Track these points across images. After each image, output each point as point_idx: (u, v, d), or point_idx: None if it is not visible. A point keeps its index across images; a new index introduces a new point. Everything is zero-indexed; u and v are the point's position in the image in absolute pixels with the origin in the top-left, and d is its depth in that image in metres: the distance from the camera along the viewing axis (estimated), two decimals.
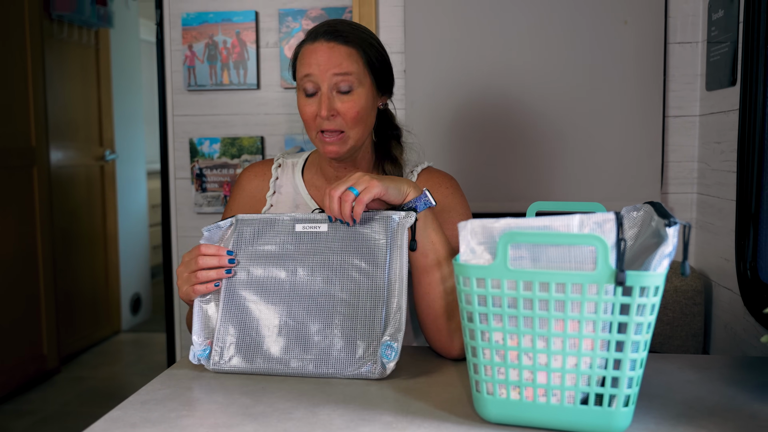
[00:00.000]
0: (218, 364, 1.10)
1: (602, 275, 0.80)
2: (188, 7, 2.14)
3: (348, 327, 1.08)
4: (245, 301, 1.13)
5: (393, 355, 1.06)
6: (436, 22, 1.96)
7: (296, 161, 1.42)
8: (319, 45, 1.25)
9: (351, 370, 1.07)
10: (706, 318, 1.79)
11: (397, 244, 1.10)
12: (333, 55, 1.24)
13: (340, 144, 1.26)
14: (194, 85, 2.15)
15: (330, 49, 1.25)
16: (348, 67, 1.25)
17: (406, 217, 1.11)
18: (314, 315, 1.10)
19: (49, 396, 3.21)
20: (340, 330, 1.08)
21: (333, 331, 1.09)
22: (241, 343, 1.11)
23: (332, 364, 1.07)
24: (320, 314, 1.10)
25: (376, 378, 1.06)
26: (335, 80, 1.24)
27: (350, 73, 1.25)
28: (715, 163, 1.76)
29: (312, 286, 1.11)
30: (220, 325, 1.12)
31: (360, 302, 1.09)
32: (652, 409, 0.93)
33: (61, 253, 3.62)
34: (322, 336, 1.09)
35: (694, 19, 1.88)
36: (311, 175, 1.39)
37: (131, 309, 4.36)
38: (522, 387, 0.86)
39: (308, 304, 1.11)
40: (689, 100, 1.90)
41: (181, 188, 2.20)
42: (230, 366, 1.10)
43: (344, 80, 1.24)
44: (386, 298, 1.09)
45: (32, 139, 3.34)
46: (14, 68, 3.21)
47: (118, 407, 0.97)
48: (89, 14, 3.70)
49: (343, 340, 1.08)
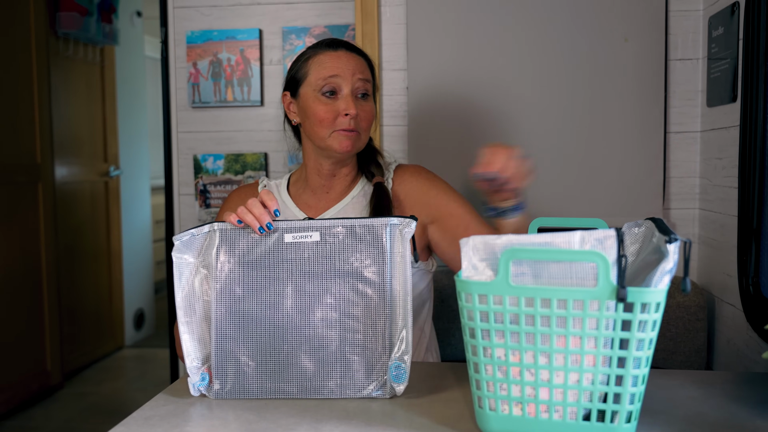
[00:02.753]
0: (221, 394, 1.06)
1: (603, 291, 0.80)
2: (193, 26, 2.16)
3: (351, 349, 1.05)
4: (240, 326, 1.07)
5: (403, 376, 1.03)
6: (438, 40, 1.98)
7: (279, 182, 1.50)
8: (343, 53, 1.37)
9: (358, 393, 1.04)
10: (709, 334, 1.79)
11: (398, 254, 1.06)
12: (358, 63, 1.38)
13: (354, 141, 1.35)
14: (198, 102, 2.16)
15: (354, 57, 1.38)
16: (368, 76, 1.39)
17: (406, 226, 1.06)
18: (315, 339, 1.06)
19: (53, 412, 3.21)
20: (345, 351, 1.05)
21: (341, 352, 1.05)
22: (242, 371, 1.06)
23: (338, 388, 1.05)
24: (322, 338, 1.05)
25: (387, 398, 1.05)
26: (358, 84, 1.35)
27: (369, 81, 1.39)
28: (717, 178, 1.77)
29: (310, 306, 1.06)
30: (215, 353, 1.06)
31: (362, 323, 1.05)
32: (655, 426, 0.93)
33: (65, 268, 3.63)
34: (328, 359, 1.05)
35: (694, 36, 1.90)
36: (296, 190, 1.47)
37: (135, 324, 4.36)
38: (524, 403, 0.86)
39: (306, 328, 1.06)
40: (690, 117, 1.91)
41: (184, 204, 2.21)
42: (234, 395, 1.06)
43: (364, 86, 1.37)
44: (391, 317, 1.05)
45: (37, 156, 3.36)
46: (20, 85, 3.24)
47: (122, 423, 0.97)
48: (95, 32, 3.73)
49: (348, 363, 1.05)
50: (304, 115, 1.38)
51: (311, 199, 1.44)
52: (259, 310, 1.07)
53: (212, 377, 1.06)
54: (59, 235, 3.55)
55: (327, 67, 1.35)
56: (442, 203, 1.39)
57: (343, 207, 1.41)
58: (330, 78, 1.34)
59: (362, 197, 1.42)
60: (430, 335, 1.49)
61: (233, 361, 1.06)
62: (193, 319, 1.09)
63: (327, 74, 1.34)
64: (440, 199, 1.40)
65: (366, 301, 1.05)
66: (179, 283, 1.08)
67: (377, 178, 1.42)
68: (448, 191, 1.42)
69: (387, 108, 2.03)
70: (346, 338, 1.05)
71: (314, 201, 1.43)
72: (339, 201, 1.42)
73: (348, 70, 1.34)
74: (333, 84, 1.34)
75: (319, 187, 1.43)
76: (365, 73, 1.38)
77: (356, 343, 1.05)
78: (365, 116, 1.36)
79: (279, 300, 1.07)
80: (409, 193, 1.41)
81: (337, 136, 1.34)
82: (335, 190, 1.43)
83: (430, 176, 1.45)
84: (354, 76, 1.34)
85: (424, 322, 1.46)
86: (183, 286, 1.08)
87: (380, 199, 1.37)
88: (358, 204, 1.41)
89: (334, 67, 1.34)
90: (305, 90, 1.37)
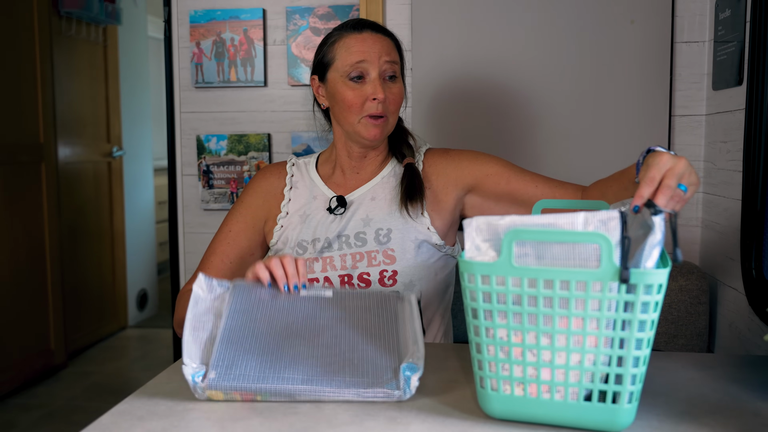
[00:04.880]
0: (216, 385, 0.95)
1: (606, 273, 0.80)
2: (196, 5, 2.15)
3: (362, 354, 1.01)
4: (247, 336, 1.03)
5: (416, 379, 0.96)
6: (442, 21, 1.96)
7: (308, 160, 1.49)
8: (368, 35, 1.35)
9: (368, 395, 0.96)
10: (711, 317, 1.79)
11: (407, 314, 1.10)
12: (384, 44, 1.35)
13: (382, 128, 1.35)
14: (202, 82, 2.16)
15: (380, 39, 1.36)
16: (395, 57, 1.37)
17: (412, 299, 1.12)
18: (324, 345, 1.02)
19: (56, 390, 3.23)
20: (355, 357, 1.01)
21: (350, 354, 1.01)
22: (242, 370, 0.97)
23: (348, 390, 0.96)
24: (331, 344, 1.03)
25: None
26: (385, 67, 1.34)
27: (396, 62, 1.37)
28: (721, 162, 1.76)
29: (319, 326, 1.06)
30: (217, 354, 0.99)
31: (371, 335, 1.05)
32: (656, 407, 0.94)
33: (69, 249, 3.64)
34: (336, 362, 1.00)
35: (701, 19, 1.88)
36: (326, 170, 1.46)
37: (138, 305, 4.38)
38: (526, 383, 0.87)
39: (316, 336, 1.04)
40: (696, 100, 1.90)
41: (188, 185, 2.21)
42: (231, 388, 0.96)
43: (392, 68, 1.35)
44: (397, 330, 1.07)
45: (40, 136, 3.36)
46: (23, 65, 3.23)
47: (126, 400, 0.98)
48: (97, 11, 3.72)
49: (358, 366, 0.99)
50: (333, 100, 1.38)
51: (340, 179, 1.44)
52: (268, 321, 1.06)
53: (209, 369, 0.97)
54: (62, 215, 3.56)
55: (353, 51, 1.33)
56: (475, 168, 1.39)
57: (372, 186, 1.41)
58: (357, 63, 1.33)
59: (392, 177, 1.42)
60: (448, 322, 1.50)
61: (234, 360, 0.99)
62: (198, 335, 1.03)
63: (354, 60, 1.33)
64: (473, 165, 1.40)
65: (376, 329, 1.08)
66: (194, 307, 1.06)
67: (408, 159, 1.41)
68: (479, 156, 1.42)
69: None
70: (356, 342, 1.04)
71: (343, 181, 1.44)
72: (369, 180, 1.42)
73: (374, 53, 1.33)
74: (360, 69, 1.33)
75: (349, 168, 1.43)
76: (392, 54, 1.36)
77: (365, 347, 1.03)
78: (393, 99, 1.35)
79: (289, 311, 1.09)
80: (441, 173, 1.41)
81: (366, 124, 1.34)
82: (366, 170, 1.44)
83: (459, 150, 1.45)
84: (381, 59, 1.33)
85: (446, 308, 1.46)
86: (195, 311, 1.06)
87: (411, 180, 1.37)
88: (387, 184, 1.41)
89: (361, 52, 1.33)
90: (333, 75, 1.36)
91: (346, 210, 1.38)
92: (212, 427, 0.89)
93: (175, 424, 0.90)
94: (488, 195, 1.39)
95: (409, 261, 1.33)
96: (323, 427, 0.88)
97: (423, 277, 1.35)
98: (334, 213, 1.38)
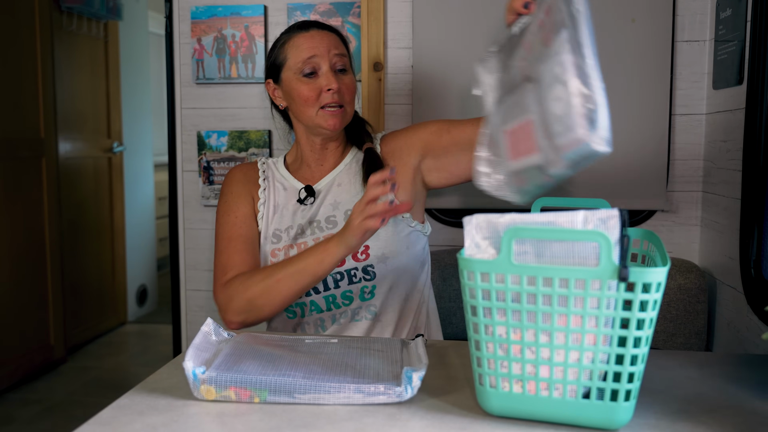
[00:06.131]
0: (216, 377, 0.95)
1: (605, 271, 0.80)
2: (197, 1, 2.15)
3: (366, 362, 1.03)
4: (251, 350, 1.06)
5: (418, 378, 0.95)
6: (444, 18, 1.96)
7: (275, 160, 1.59)
8: (315, 32, 1.44)
9: (369, 391, 0.95)
10: (710, 316, 1.80)
11: (412, 349, 1.11)
12: (332, 39, 1.44)
13: (340, 117, 1.42)
14: (202, 78, 2.16)
15: (327, 35, 1.44)
16: (343, 50, 1.45)
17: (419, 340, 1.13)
18: (327, 354, 1.07)
19: (55, 385, 3.24)
20: (358, 364, 1.02)
21: (353, 362, 1.03)
22: (245, 367, 0.98)
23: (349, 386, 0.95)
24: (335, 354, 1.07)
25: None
26: (335, 60, 1.42)
27: (345, 55, 1.45)
28: (721, 161, 1.76)
29: (323, 351, 1.10)
30: (221, 357, 1.02)
31: (375, 356, 1.07)
32: (653, 405, 0.94)
33: (69, 244, 3.64)
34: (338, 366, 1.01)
35: (702, 18, 1.88)
36: (294, 166, 1.55)
37: (137, 300, 4.38)
38: (525, 380, 0.87)
39: (319, 352, 1.08)
40: (696, 99, 1.90)
41: (188, 181, 2.21)
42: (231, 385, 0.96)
43: (341, 60, 1.43)
44: (401, 357, 1.07)
45: (41, 131, 3.36)
46: (23, 60, 3.23)
47: (126, 395, 0.98)
48: (99, 6, 3.71)
49: (360, 372, 0.99)
50: (290, 98, 1.46)
51: (307, 172, 1.53)
52: (272, 347, 1.11)
53: (210, 369, 0.97)
54: (63, 211, 3.56)
55: (303, 49, 1.42)
56: (419, 132, 1.48)
57: (337, 174, 1.50)
58: (308, 59, 1.41)
59: (355, 163, 1.51)
60: (430, 299, 1.56)
61: (236, 362, 1.00)
62: (201, 354, 1.03)
63: (305, 56, 1.41)
64: (417, 131, 1.49)
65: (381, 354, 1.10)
66: (201, 336, 1.08)
67: (367, 144, 1.50)
68: (421, 123, 1.52)
69: (392, 86, 2.02)
70: (360, 356, 1.07)
71: (310, 173, 1.52)
72: (333, 169, 1.51)
73: (323, 47, 1.41)
74: (312, 64, 1.41)
75: (314, 160, 1.52)
76: (340, 47, 1.44)
77: (369, 360, 1.05)
78: (347, 89, 1.42)
79: (293, 347, 1.12)
80: (395, 150, 1.49)
81: (324, 115, 1.41)
82: (329, 161, 1.52)
83: (407, 127, 1.55)
84: (330, 53, 1.41)
85: (424, 284, 1.51)
86: (201, 339, 1.07)
87: (371, 162, 1.45)
88: (351, 170, 1.50)
89: (311, 48, 1.41)
90: (287, 74, 1.44)
91: (315, 199, 1.47)
92: (212, 422, 0.89)
93: (175, 419, 0.90)
94: (438, 152, 1.46)
95: (379, 234, 1.39)
96: (322, 424, 0.88)
97: (395, 251, 1.41)
98: (304, 203, 1.47)
